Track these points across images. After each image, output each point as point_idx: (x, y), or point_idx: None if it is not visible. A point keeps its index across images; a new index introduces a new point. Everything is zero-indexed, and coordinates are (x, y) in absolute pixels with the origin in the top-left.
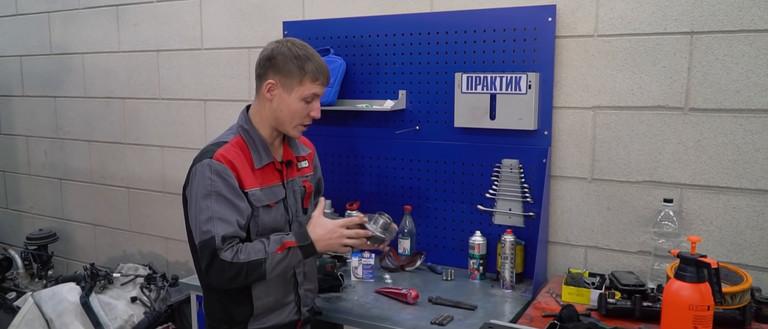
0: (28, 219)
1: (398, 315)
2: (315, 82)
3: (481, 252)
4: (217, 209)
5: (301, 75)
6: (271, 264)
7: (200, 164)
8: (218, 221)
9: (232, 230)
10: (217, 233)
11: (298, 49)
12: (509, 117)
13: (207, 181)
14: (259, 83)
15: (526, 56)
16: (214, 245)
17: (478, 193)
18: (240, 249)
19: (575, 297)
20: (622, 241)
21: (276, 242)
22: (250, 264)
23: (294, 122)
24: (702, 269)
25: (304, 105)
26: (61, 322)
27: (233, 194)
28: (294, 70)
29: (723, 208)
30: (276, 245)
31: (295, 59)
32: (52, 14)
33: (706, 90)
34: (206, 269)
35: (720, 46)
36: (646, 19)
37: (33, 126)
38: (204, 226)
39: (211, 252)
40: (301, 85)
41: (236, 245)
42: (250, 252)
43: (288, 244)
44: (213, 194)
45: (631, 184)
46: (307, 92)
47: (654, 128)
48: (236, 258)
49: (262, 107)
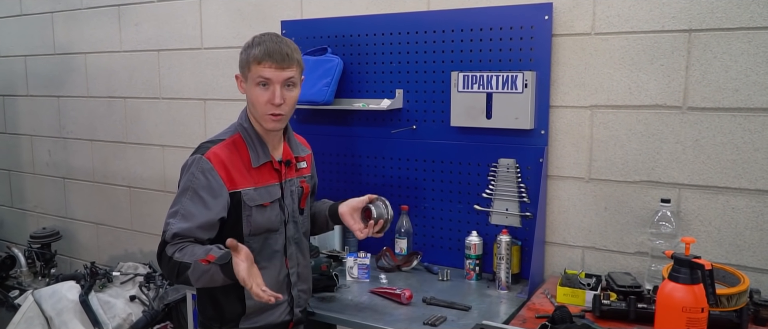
0: (33, 218)
1: (391, 315)
2: (260, 64)
3: (477, 253)
4: (186, 205)
5: (249, 61)
6: (194, 271)
7: (192, 157)
8: (180, 217)
9: (186, 227)
10: (171, 229)
11: (254, 38)
12: (505, 116)
13: (190, 176)
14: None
15: (522, 55)
16: (165, 237)
17: (475, 193)
18: (182, 248)
19: (570, 298)
20: (620, 242)
21: (205, 251)
22: (179, 265)
23: (258, 111)
24: (696, 270)
25: (260, 91)
26: (61, 320)
27: (210, 194)
28: (244, 58)
29: (722, 208)
30: (203, 255)
31: (246, 49)
32: (55, 14)
33: (705, 89)
34: (157, 256)
35: (718, 44)
36: (643, 17)
37: (37, 126)
38: (168, 218)
39: (162, 243)
40: (250, 70)
41: (184, 243)
42: (186, 253)
43: (210, 258)
44: (189, 190)
45: (629, 184)
46: (255, 75)
47: (652, 128)
48: (174, 255)
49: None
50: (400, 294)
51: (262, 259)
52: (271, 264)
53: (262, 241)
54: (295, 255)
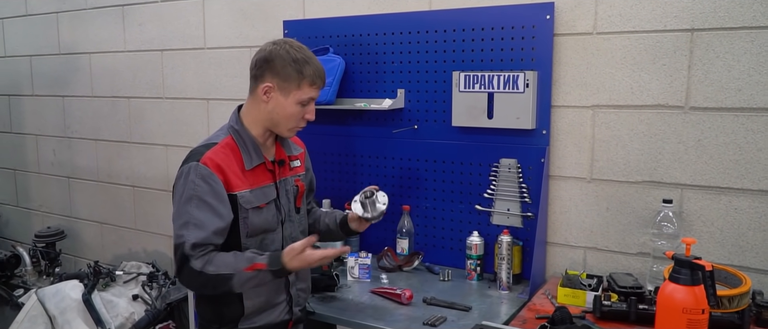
0: (38, 217)
1: (391, 315)
2: (312, 86)
3: (478, 253)
4: (195, 214)
5: (300, 79)
6: (238, 280)
7: (187, 166)
8: (192, 227)
9: (203, 236)
10: (188, 240)
11: (297, 51)
12: (506, 116)
13: (190, 185)
14: (255, 84)
15: (524, 54)
16: (184, 250)
17: (476, 193)
18: (211, 259)
19: (571, 298)
20: (622, 242)
21: (246, 260)
22: (219, 278)
23: (289, 125)
24: (696, 271)
25: (300, 108)
26: (64, 319)
27: (216, 200)
28: (292, 74)
29: (724, 209)
30: (245, 264)
31: (293, 63)
32: (60, 14)
33: (707, 88)
34: (177, 272)
35: (721, 43)
36: (645, 17)
37: (42, 125)
38: (179, 230)
39: (182, 257)
40: (299, 89)
41: (209, 254)
42: (220, 264)
43: (258, 266)
44: (194, 198)
45: (631, 184)
46: (304, 96)
47: (654, 128)
48: (205, 268)
49: (256, 108)
50: (401, 294)
51: None
52: None
53: (259, 242)
54: None
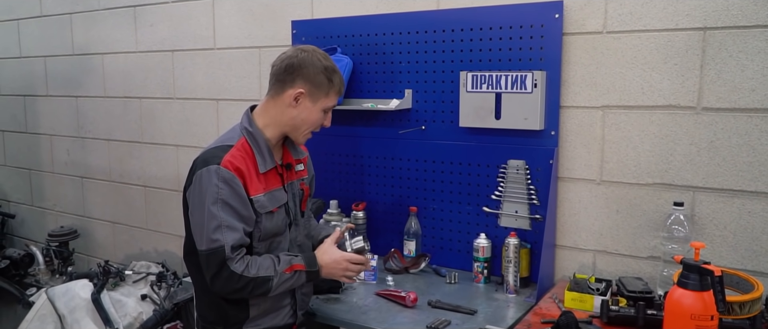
0: (52, 216)
1: (394, 318)
2: (337, 95)
3: (485, 255)
4: (225, 217)
5: (329, 87)
6: (277, 282)
7: (206, 169)
8: (227, 229)
9: (238, 237)
10: (227, 243)
11: (326, 60)
12: (514, 117)
13: (214, 188)
14: (282, 88)
15: (532, 54)
16: (225, 254)
17: (484, 194)
18: (250, 263)
19: (578, 303)
20: (632, 246)
21: (285, 262)
22: (258, 280)
23: (308, 130)
24: (705, 276)
25: (322, 115)
26: (73, 318)
27: (240, 203)
28: (323, 81)
29: (737, 212)
30: (285, 265)
31: (324, 71)
32: (74, 15)
33: (720, 88)
34: (213, 277)
35: (734, 42)
36: (656, 15)
37: (56, 125)
38: (213, 234)
39: (221, 262)
40: (327, 97)
41: (245, 257)
42: (259, 267)
43: (297, 267)
44: (219, 202)
45: (642, 186)
46: (330, 103)
47: (665, 129)
48: (247, 271)
49: (278, 111)
50: (405, 296)
51: None
52: None
53: (268, 246)
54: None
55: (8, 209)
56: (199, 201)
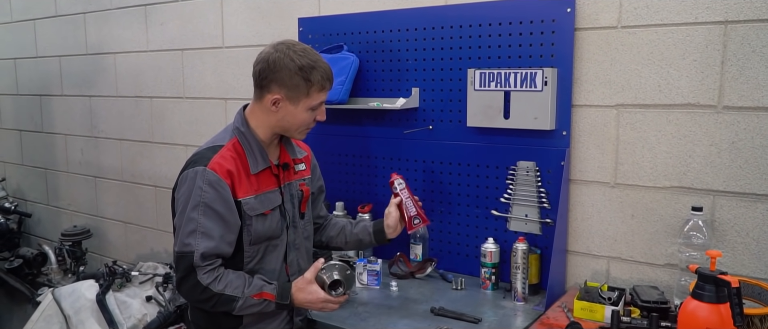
0: (66, 215)
1: (395, 325)
2: (322, 90)
3: (493, 261)
4: (203, 222)
5: (308, 87)
6: (242, 305)
7: (192, 170)
8: (201, 235)
9: (213, 245)
10: (197, 249)
11: (301, 57)
12: (523, 116)
13: (197, 191)
14: (261, 93)
15: (542, 50)
16: (192, 261)
17: (493, 197)
18: (220, 277)
19: (588, 313)
20: (648, 252)
21: (256, 287)
22: (223, 298)
23: (300, 128)
24: (722, 288)
25: (311, 113)
26: (78, 319)
27: (224, 208)
28: (300, 83)
29: (761, 218)
30: (254, 291)
31: (300, 71)
32: (87, 15)
33: (742, 86)
34: (179, 281)
35: (758, 36)
36: (674, 8)
37: (70, 125)
38: (186, 238)
39: (188, 267)
40: (308, 96)
41: (218, 269)
42: (227, 284)
43: (266, 295)
44: (201, 205)
45: (658, 190)
46: (314, 102)
47: (683, 129)
48: (214, 284)
49: (264, 114)
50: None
51: (261, 266)
52: (271, 271)
53: (263, 250)
54: (296, 261)
55: (25, 209)
56: (181, 203)
